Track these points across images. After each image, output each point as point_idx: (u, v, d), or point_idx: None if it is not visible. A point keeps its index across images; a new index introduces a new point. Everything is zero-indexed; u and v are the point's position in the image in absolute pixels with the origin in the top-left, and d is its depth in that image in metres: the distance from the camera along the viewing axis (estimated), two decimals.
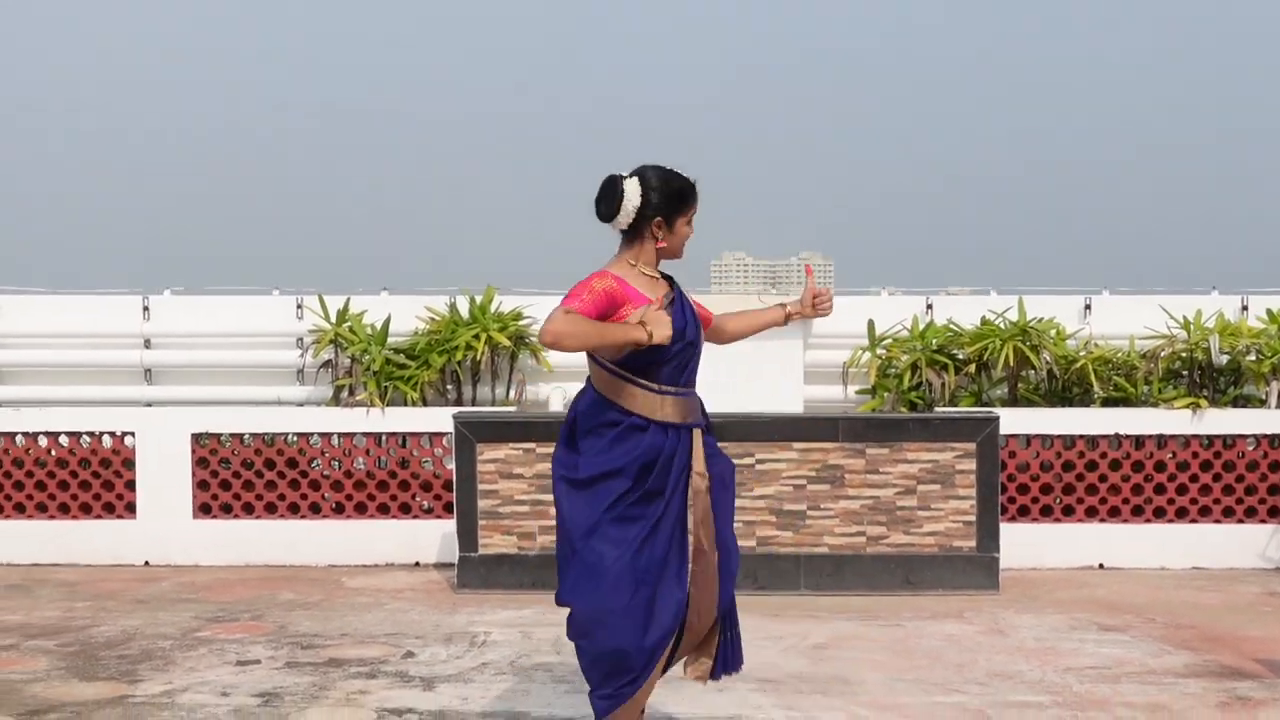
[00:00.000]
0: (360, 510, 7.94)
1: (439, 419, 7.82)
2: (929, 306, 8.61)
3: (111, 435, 8.03)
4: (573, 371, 8.14)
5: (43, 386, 8.76)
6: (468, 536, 7.08)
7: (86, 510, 8.00)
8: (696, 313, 4.08)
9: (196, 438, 7.95)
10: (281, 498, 7.95)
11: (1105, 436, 7.78)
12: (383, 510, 7.93)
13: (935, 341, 8.25)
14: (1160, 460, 7.79)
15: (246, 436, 7.98)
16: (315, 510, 7.95)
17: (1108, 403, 8.02)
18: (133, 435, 7.97)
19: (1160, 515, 7.78)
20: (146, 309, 8.81)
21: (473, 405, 8.28)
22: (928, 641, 5.86)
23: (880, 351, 8.35)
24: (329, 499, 7.95)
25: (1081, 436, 7.79)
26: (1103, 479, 7.78)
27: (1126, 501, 7.78)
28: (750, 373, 7.95)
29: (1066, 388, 8.13)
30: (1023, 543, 7.62)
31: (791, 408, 8.05)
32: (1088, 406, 8.04)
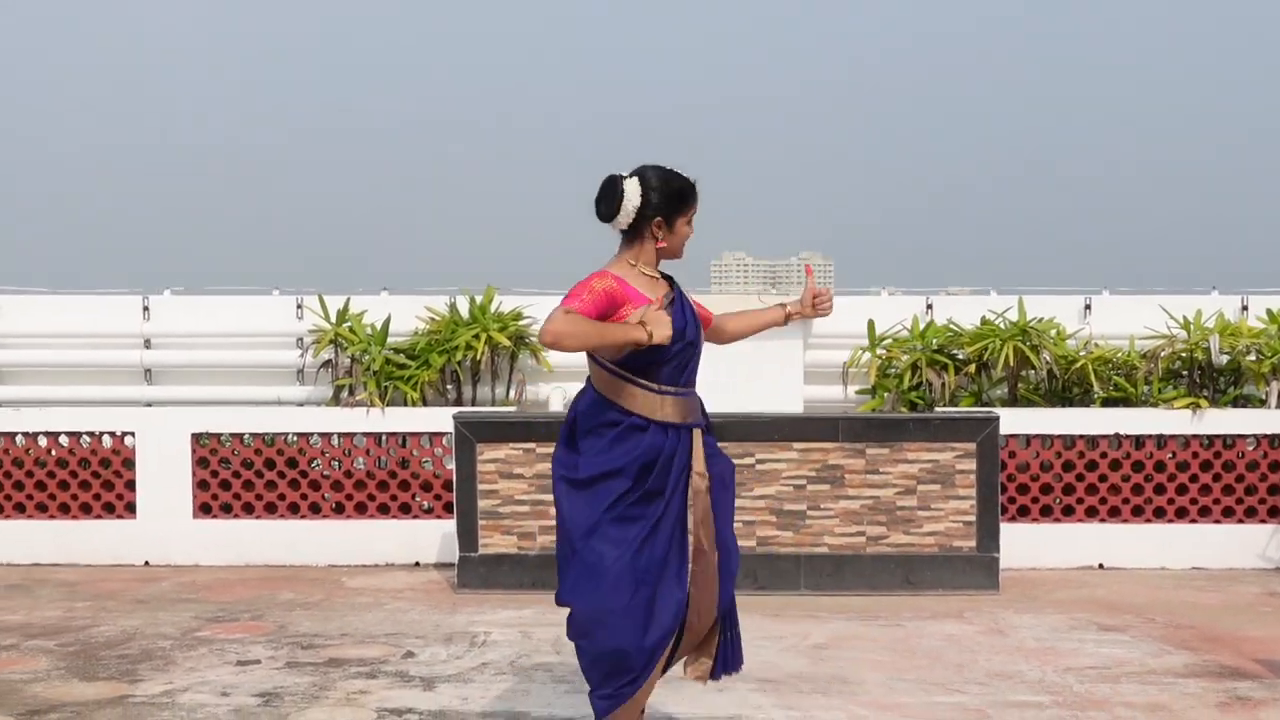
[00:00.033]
0: (360, 510, 7.94)
1: (439, 419, 7.82)
2: (929, 306, 8.61)
3: (112, 435, 8.03)
4: (573, 372, 8.14)
5: (43, 386, 8.76)
6: (468, 536, 7.08)
7: (87, 510, 8.00)
8: (697, 313, 4.08)
9: (196, 438, 7.95)
10: (281, 498, 7.95)
11: (1105, 436, 7.78)
12: (383, 510, 7.93)
13: (935, 341, 8.25)
14: (1160, 460, 7.79)
15: (246, 436, 7.98)
16: (315, 510, 7.95)
17: (1108, 403, 8.02)
18: (133, 435, 7.97)
19: (1160, 515, 7.79)
20: (146, 309, 8.81)
21: (473, 405, 8.28)
22: (928, 641, 5.86)
23: (880, 351, 8.35)
24: (329, 499, 7.95)
25: (1081, 436, 7.79)
26: (1103, 479, 7.79)
27: (1126, 501, 7.78)
28: (750, 373, 7.95)
29: (1066, 388, 8.14)
30: (1023, 543, 7.63)
31: (791, 408, 8.05)
32: (1088, 406, 8.04)
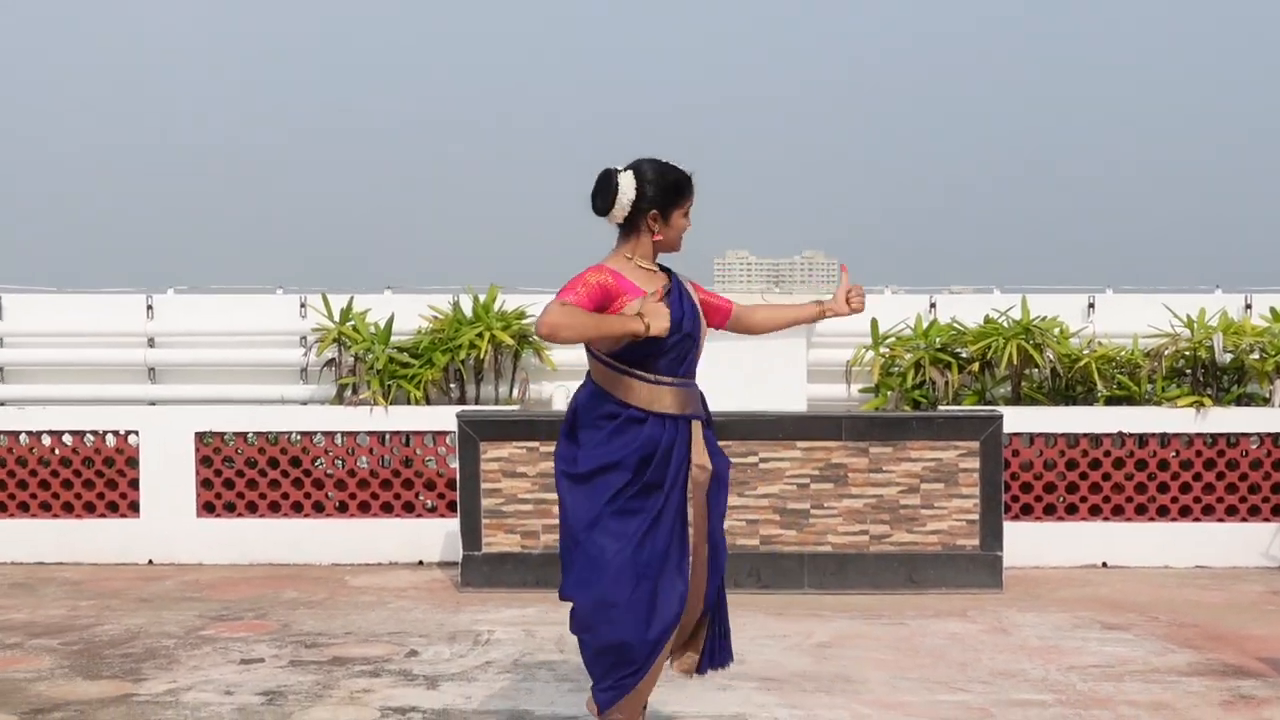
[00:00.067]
0: (364, 509, 7.94)
1: (442, 418, 7.83)
2: (932, 305, 8.61)
3: (115, 434, 8.04)
4: (576, 370, 8.12)
5: (47, 385, 8.76)
6: (471, 535, 7.09)
7: (90, 509, 8.01)
8: (697, 305, 4.06)
9: (200, 436, 7.95)
10: (285, 496, 7.96)
11: (1109, 435, 7.78)
12: (386, 509, 7.94)
13: (939, 340, 8.25)
14: (1164, 459, 7.79)
15: (250, 435, 7.98)
16: (319, 509, 7.96)
17: (1111, 401, 8.02)
18: (136, 434, 7.98)
19: (1164, 514, 7.78)
20: (150, 308, 8.82)
21: (476, 404, 8.28)
22: (931, 640, 5.86)
23: (884, 350, 8.35)
24: (332, 498, 7.96)
25: (1085, 435, 7.79)
26: (1106, 477, 7.78)
27: (1130, 500, 7.78)
28: (754, 371, 7.95)
29: (1070, 386, 8.13)
30: (1026, 541, 7.63)
31: (795, 406, 8.04)
32: (1091, 405, 8.03)
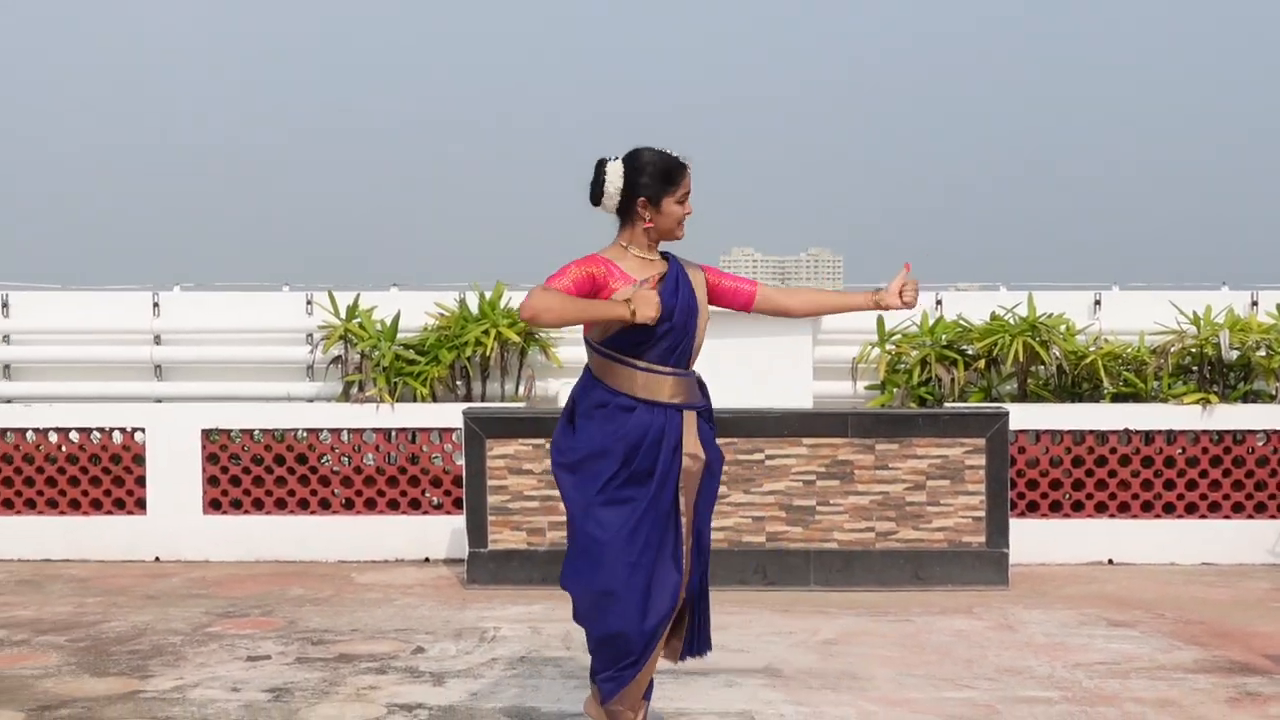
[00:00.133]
0: (370, 506, 7.95)
1: (448, 415, 7.83)
2: (938, 302, 8.60)
3: (122, 431, 8.05)
4: (582, 368, 8.14)
5: (53, 383, 8.78)
6: (477, 532, 7.09)
7: (97, 506, 8.02)
8: (697, 294, 4.01)
9: (206, 434, 7.96)
10: (291, 493, 7.97)
11: (1115, 432, 7.77)
12: (392, 506, 7.94)
13: (945, 337, 8.24)
14: (1170, 456, 7.78)
15: (256, 432, 7.99)
16: (325, 506, 7.96)
17: (1117, 398, 8.01)
18: (143, 431, 7.99)
19: (1170, 511, 7.77)
20: (156, 305, 8.83)
21: (482, 401, 8.28)
22: (937, 637, 5.86)
23: (890, 347, 8.35)
24: (339, 495, 7.97)
25: (1091, 432, 7.78)
26: (1112, 474, 7.78)
27: (1136, 497, 7.77)
28: (760, 368, 7.95)
29: (1076, 383, 8.12)
30: (1032, 538, 7.62)
31: (801, 403, 8.04)
32: (1097, 402, 8.02)
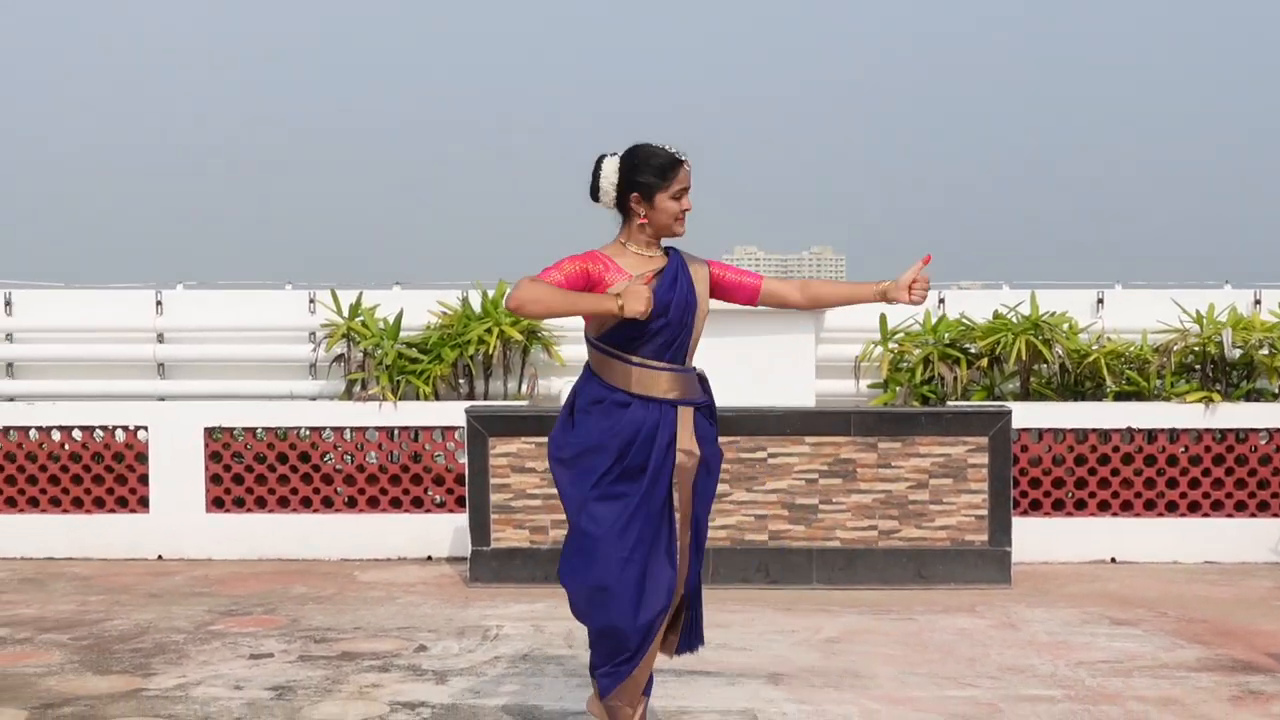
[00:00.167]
0: (372, 504, 7.95)
1: (451, 413, 7.83)
2: (941, 300, 8.60)
3: (125, 430, 8.05)
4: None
5: (56, 381, 8.78)
6: (480, 530, 7.09)
7: (100, 505, 8.03)
8: (695, 290, 3.99)
9: (209, 432, 7.97)
10: (294, 492, 7.97)
11: (1117, 430, 7.77)
12: (395, 504, 7.95)
13: (947, 335, 8.24)
14: (1172, 454, 7.78)
15: (259, 431, 8.00)
16: (328, 504, 7.97)
17: (1120, 397, 8.00)
18: (146, 430, 8.00)
19: (1172, 509, 7.77)
20: (159, 303, 8.84)
21: (485, 399, 8.29)
22: (940, 635, 5.86)
23: (892, 345, 8.35)
24: (341, 493, 7.97)
25: (1094, 430, 7.78)
26: (1115, 473, 7.77)
27: (1139, 495, 7.77)
28: (763, 366, 7.94)
29: (1079, 381, 8.12)
30: (1035, 537, 7.62)
31: (803, 401, 8.04)
32: (1100, 400, 8.02)
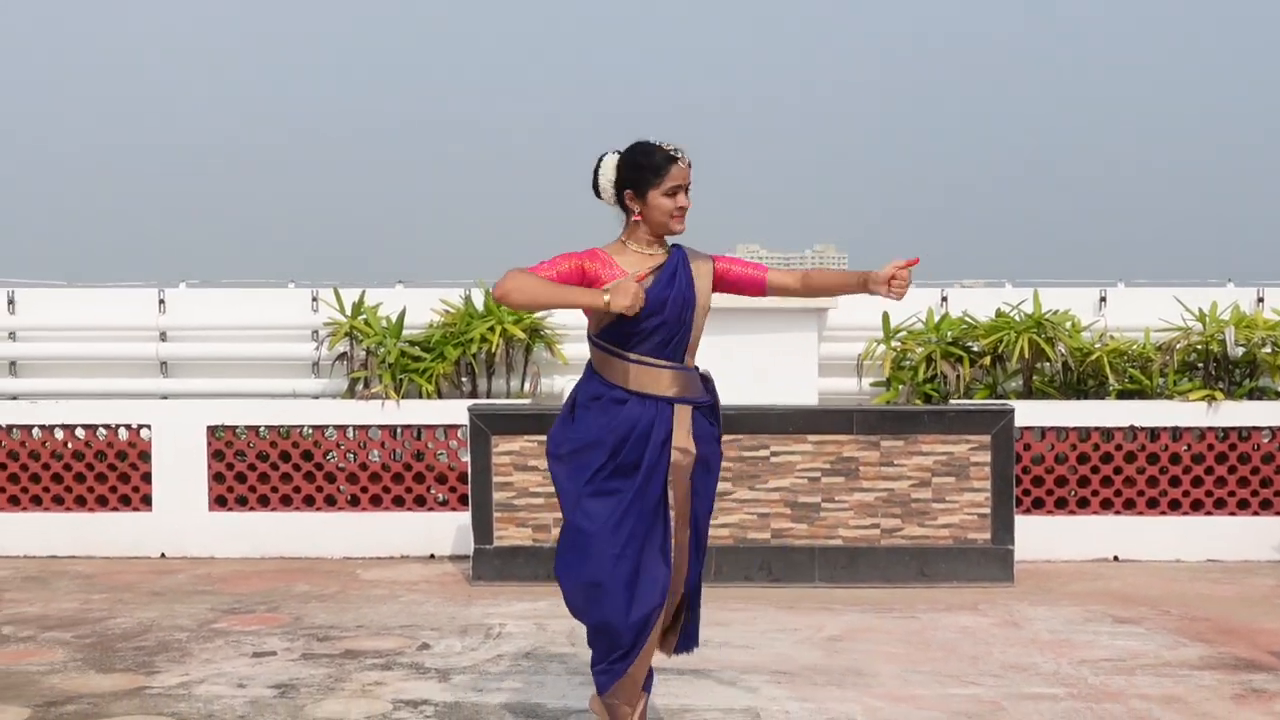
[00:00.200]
0: (375, 503, 7.96)
1: (454, 411, 7.84)
2: (944, 299, 8.60)
3: (127, 428, 8.06)
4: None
5: (60, 379, 8.78)
6: (483, 529, 7.10)
7: (103, 503, 8.04)
8: (695, 288, 3.98)
9: (212, 430, 7.97)
10: (297, 490, 7.98)
11: (1120, 429, 7.77)
12: (398, 503, 7.95)
13: (950, 334, 8.24)
14: (1175, 453, 7.77)
15: (262, 429, 8.00)
16: (331, 503, 7.97)
17: (1123, 395, 8.00)
18: (149, 428, 8.00)
19: (1175, 508, 7.77)
20: (162, 302, 8.84)
21: (487, 398, 8.29)
22: (942, 633, 5.86)
23: (895, 344, 8.34)
24: (344, 491, 7.97)
25: (1096, 429, 7.77)
26: (1117, 471, 7.77)
27: (1141, 494, 7.76)
28: (765, 365, 7.95)
29: (1081, 380, 8.12)
30: (1037, 535, 7.62)
31: (806, 400, 8.04)
32: (1103, 399, 8.02)
